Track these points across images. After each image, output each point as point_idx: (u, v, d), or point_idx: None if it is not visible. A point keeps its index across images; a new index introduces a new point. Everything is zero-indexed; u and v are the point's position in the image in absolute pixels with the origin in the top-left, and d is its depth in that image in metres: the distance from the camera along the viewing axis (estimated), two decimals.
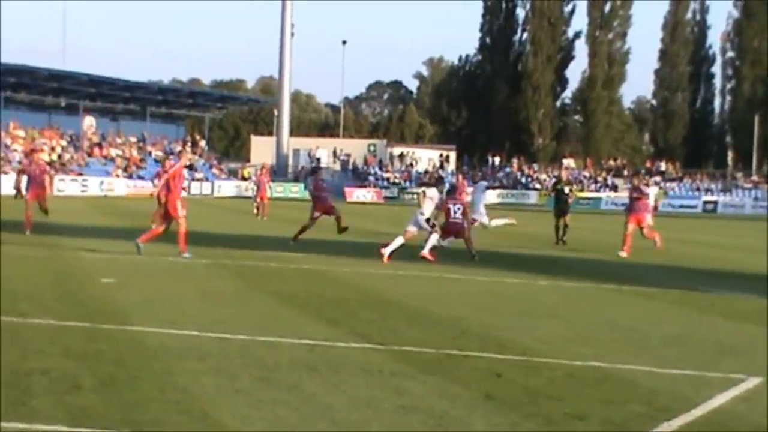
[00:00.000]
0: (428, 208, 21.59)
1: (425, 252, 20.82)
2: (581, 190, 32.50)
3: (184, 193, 26.65)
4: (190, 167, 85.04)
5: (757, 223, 57.54)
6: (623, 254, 23.72)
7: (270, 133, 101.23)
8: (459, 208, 22.08)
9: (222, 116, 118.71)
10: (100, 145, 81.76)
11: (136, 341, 10.35)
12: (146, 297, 13.93)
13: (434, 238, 21.18)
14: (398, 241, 20.81)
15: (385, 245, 20.55)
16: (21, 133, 76.21)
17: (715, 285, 17.71)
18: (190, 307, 13.13)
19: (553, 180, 33.20)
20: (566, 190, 29.46)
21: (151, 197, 26.91)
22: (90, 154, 79.48)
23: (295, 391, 8.26)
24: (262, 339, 10.62)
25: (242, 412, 7.54)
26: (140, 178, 77.78)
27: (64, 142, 79.09)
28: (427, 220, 21.35)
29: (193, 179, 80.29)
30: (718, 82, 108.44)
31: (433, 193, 22.06)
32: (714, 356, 10.56)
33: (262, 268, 18.65)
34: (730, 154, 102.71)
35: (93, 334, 10.63)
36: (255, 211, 41.93)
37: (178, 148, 24.20)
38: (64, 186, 69.22)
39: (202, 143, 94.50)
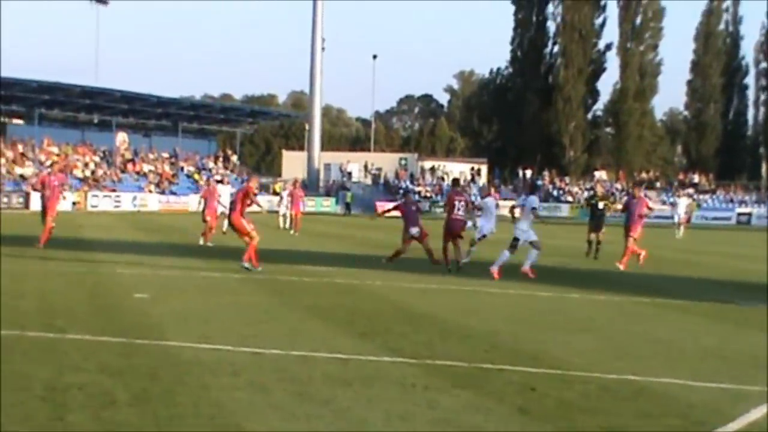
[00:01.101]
0: (526, 222, 21.05)
1: (494, 268, 20.40)
2: (613, 203, 32.39)
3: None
4: (221, 181, 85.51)
5: None
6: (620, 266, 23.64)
7: (301, 148, 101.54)
8: (463, 205, 22.14)
9: (253, 131, 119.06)
10: (132, 161, 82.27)
11: (171, 356, 10.40)
12: (180, 312, 13.99)
13: (506, 256, 20.76)
14: (505, 255, 20.64)
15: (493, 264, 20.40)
16: (54, 149, 76.83)
17: (751, 298, 17.57)
18: (223, 321, 13.18)
19: (589, 193, 32.82)
20: (600, 205, 29.29)
21: (182, 213, 27.03)
22: (123, 170, 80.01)
23: (329, 405, 8.27)
24: (296, 353, 10.64)
25: (276, 427, 7.56)
26: (173, 193, 78.20)
27: (97, 158, 79.67)
28: (515, 239, 20.83)
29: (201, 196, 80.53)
30: (751, 93, 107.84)
31: (533, 201, 21.48)
32: (750, 370, 10.47)
33: (294, 283, 18.69)
34: (764, 166, 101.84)
35: (128, 349, 10.69)
36: (281, 224, 41.91)
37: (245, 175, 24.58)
38: (97, 202, 69.70)
39: (234, 158, 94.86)
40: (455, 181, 25.91)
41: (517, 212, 21.33)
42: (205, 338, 11.51)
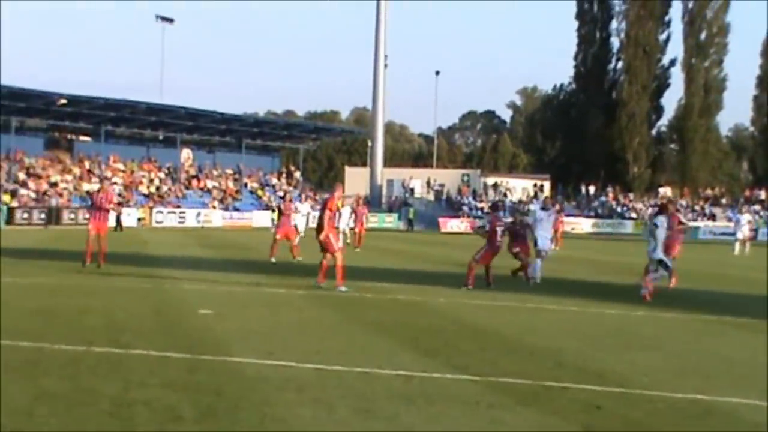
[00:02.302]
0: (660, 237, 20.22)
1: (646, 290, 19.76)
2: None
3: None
4: (283, 197, 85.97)
5: None
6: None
7: (364, 164, 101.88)
8: (502, 230, 21.93)
9: (316, 147, 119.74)
10: (197, 177, 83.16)
11: (235, 372, 10.46)
12: (244, 328, 14.07)
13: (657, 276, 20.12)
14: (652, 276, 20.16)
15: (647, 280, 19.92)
16: (121, 166, 77.90)
17: None
18: (287, 337, 13.24)
19: (654, 210, 31.93)
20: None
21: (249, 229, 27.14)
22: (187, 186, 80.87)
23: (393, 422, 8.28)
24: (359, 370, 10.66)
25: None
26: (236, 209, 78.81)
27: (162, 175, 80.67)
28: (660, 261, 20.08)
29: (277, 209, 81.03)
30: None
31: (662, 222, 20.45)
32: None
33: (357, 299, 18.72)
34: None
35: (193, 365, 10.78)
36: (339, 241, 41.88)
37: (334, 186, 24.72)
38: (162, 218, 70.53)
39: (297, 174, 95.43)
40: (495, 205, 25.50)
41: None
42: (269, 354, 11.56)
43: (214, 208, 77.11)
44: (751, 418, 8.79)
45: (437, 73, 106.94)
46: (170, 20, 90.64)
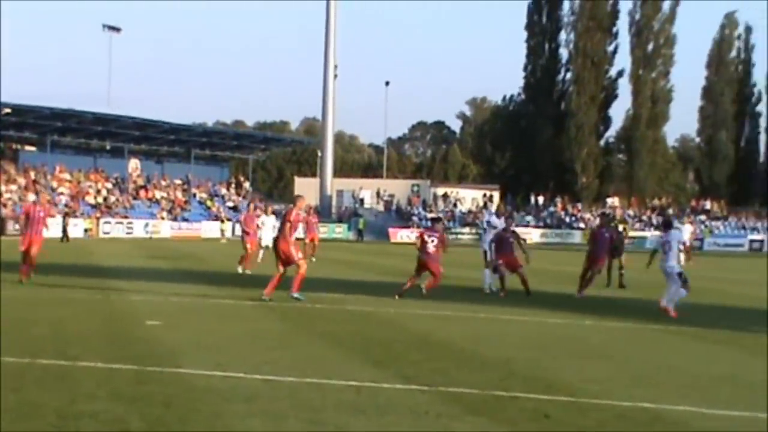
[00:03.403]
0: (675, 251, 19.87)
1: (669, 307, 19.16)
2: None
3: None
4: (235, 208, 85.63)
5: None
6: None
7: (313, 174, 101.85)
8: (434, 240, 21.78)
9: (266, 158, 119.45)
10: (145, 188, 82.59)
11: (184, 383, 10.39)
12: (193, 339, 13.98)
13: (680, 293, 19.49)
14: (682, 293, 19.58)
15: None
16: (67, 176, 77.14)
17: (764, 324, 17.49)
18: (236, 348, 13.17)
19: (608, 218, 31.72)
20: (620, 228, 28.93)
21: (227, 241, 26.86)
22: (135, 197, 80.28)
23: None
24: (309, 381, 10.63)
25: None
26: (185, 220, 78.39)
27: (109, 185, 80.00)
28: (680, 274, 19.57)
29: (237, 221, 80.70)
30: (763, 120, 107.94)
31: (678, 236, 20.32)
32: (763, 397, 10.42)
33: (308, 310, 18.67)
34: None
35: (141, 376, 10.69)
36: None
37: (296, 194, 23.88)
38: (109, 228, 69.96)
39: (246, 185, 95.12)
40: (435, 219, 25.42)
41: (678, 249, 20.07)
42: (219, 365, 11.50)
43: (163, 218, 76.63)
44: (697, 425, 8.88)
45: (387, 83, 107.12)
46: (117, 29, 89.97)
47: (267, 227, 34.41)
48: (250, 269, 29.60)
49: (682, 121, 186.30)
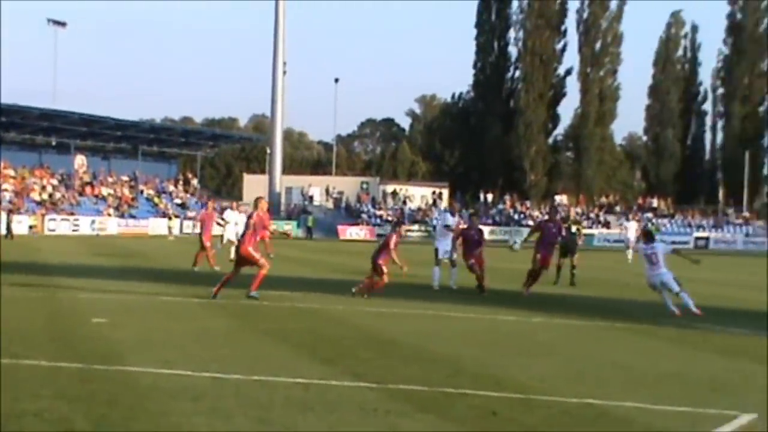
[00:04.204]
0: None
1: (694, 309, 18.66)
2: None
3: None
4: (183, 205, 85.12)
5: (748, 259, 57.68)
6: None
7: (262, 171, 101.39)
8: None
9: (214, 154, 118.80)
10: (91, 184, 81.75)
11: (130, 382, 10.30)
12: (139, 337, 13.87)
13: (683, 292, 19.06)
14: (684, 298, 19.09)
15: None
16: (11, 172, 76.17)
17: (709, 321, 17.69)
18: (183, 346, 13.08)
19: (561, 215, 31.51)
20: (573, 228, 29.07)
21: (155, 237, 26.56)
22: (81, 194, 79.45)
23: (291, 430, 8.23)
24: (257, 378, 10.58)
25: None
26: (132, 217, 77.74)
27: (55, 182, 79.08)
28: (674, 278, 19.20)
29: (185, 218, 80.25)
30: (709, 118, 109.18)
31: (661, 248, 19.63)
32: (708, 393, 10.55)
33: (256, 307, 18.60)
34: (721, 191, 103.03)
35: (86, 375, 10.57)
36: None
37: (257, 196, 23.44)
38: (54, 225, 69.17)
39: (195, 182, 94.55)
40: (397, 222, 25.42)
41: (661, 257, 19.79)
42: (166, 363, 11.41)
43: (110, 215, 75.93)
44: (642, 421, 8.95)
45: (336, 80, 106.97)
46: (63, 24, 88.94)
47: (231, 223, 34.25)
48: (218, 266, 29.07)
49: (630, 119, 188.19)
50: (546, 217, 26.27)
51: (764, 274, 37.72)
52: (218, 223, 32.91)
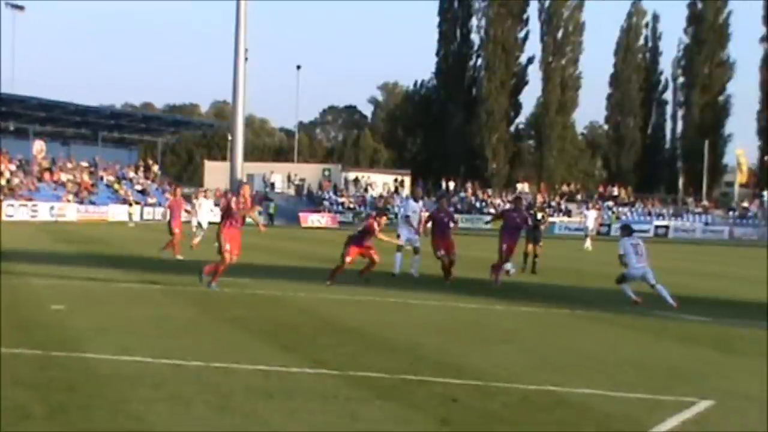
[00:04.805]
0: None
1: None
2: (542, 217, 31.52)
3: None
4: (143, 192, 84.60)
5: (707, 247, 58.22)
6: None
7: (224, 158, 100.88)
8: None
9: (175, 141, 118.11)
10: (50, 170, 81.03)
11: (89, 369, 10.23)
12: (98, 324, 13.77)
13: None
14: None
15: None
16: None
17: (668, 309, 17.83)
18: (143, 333, 13.01)
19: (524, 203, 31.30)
20: (539, 216, 29.07)
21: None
22: (40, 179, 78.73)
23: (251, 417, 8.21)
24: (217, 365, 10.55)
25: None
26: (92, 203, 77.17)
27: (13, 167, 78.27)
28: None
29: (146, 204, 79.78)
30: (669, 107, 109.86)
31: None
32: (667, 380, 10.64)
33: (217, 294, 18.52)
34: (681, 179, 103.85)
35: (44, 361, 10.50)
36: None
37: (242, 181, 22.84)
38: (13, 211, 68.46)
39: (155, 168, 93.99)
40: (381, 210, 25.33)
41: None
42: (125, 350, 11.35)
43: (69, 201, 75.33)
44: (600, 408, 9.01)
45: (298, 67, 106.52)
46: (21, 8, 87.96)
47: (204, 209, 34.11)
48: (181, 255, 28.92)
49: (591, 108, 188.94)
50: (510, 206, 26.12)
51: (722, 263, 38.14)
52: (186, 211, 32.71)
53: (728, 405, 9.33)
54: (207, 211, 36.14)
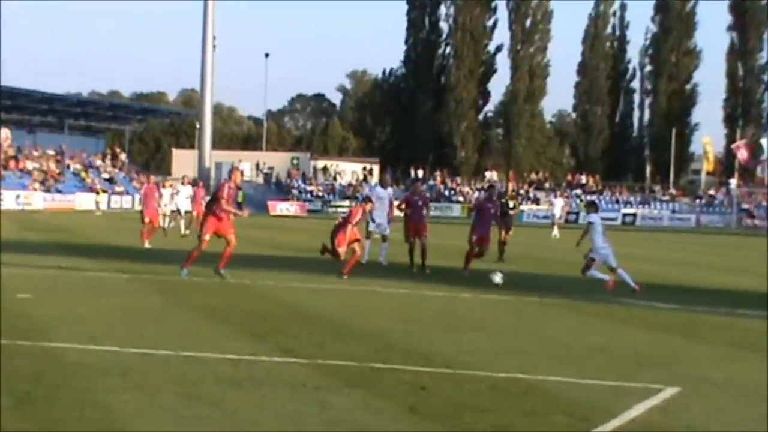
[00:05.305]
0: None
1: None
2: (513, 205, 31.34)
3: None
4: (111, 180, 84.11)
5: (674, 235, 58.62)
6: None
7: (192, 146, 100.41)
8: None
9: (143, 129, 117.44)
10: (16, 158, 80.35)
11: (55, 358, 10.16)
12: (65, 313, 13.68)
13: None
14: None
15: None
16: None
17: (635, 296, 17.94)
18: (111, 322, 12.93)
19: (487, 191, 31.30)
20: (511, 204, 29.10)
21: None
22: (6, 167, 78.06)
23: (219, 406, 8.18)
24: (185, 354, 10.50)
25: (163, 428, 7.45)
26: (59, 191, 76.65)
27: None
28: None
29: (113, 193, 79.32)
30: (637, 96, 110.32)
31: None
32: (633, 367, 10.70)
33: (185, 283, 18.45)
34: (648, 168, 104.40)
35: (9, 351, 10.39)
36: (165, 224, 39.18)
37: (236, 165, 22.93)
38: None
39: (123, 156, 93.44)
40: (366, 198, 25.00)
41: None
42: (92, 339, 11.28)
43: (35, 190, 74.76)
44: (568, 395, 9.05)
45: (267, 55, 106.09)
46: None
47: (182, 196, 33.94)
48: (149, 242, 28.77)
49: (559, 96, 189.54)
50: (484, 194, 26.06)
51: (689, 251, 38.41)
52: (158, 195, 32.58)
53: (694, 391, 9.40)
54: (184, 198, 36.17)
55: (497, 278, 19.12)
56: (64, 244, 29.74)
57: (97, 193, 74.95)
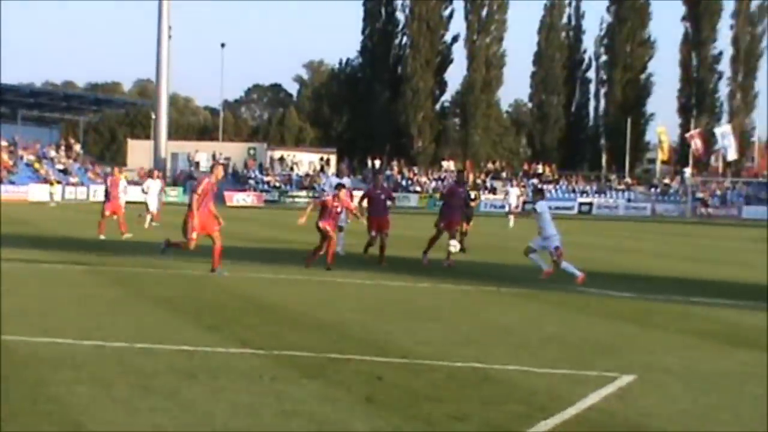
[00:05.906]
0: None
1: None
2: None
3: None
4: (65, 171, 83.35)
5: (630, 223, 59.07)
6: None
7: (147, 137, 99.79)
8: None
9: (97, 120, 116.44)
10: None
11: (7, 351, 10.01)
12: (18, 305, 13.51)
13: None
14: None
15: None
16: None
17: (591, 285, 18.04)
18: (64, 314, 12.81)
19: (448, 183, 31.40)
20: (472, 195, 29.14)
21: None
22: None
23: (174, 398, 8.12)
24: (140, 346, 10.43)
25: (118, 421, 7.38)
26: (12, 183, 75.87)
27: None
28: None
29: (67, 184, 78.61)
30: (592, 86, 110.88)
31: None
32: (590, 355, 10.76)
33: (140, 274, 18.33)
34: (604, 157, 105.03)
35: None
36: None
37: (218, 160, 22.49)
38: None
39: (77, 147, 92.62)
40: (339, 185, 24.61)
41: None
42: (45, 332, 11.16)
43: None
44: (525, 384, 9.08)
45: (223, 45, 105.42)
46: None
47: (153, 192, 33.69)
48: (103, 236, 28.48)
49: (516, 86, 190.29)
50: (454, 179, 26.00)
51: (644, 239, 38.72)
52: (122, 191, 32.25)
53: (649, 379, 9.47)
54: (155, 194, 36.01)
55: (453, 243, 19.46)
56: (18, 236, 29.40)
57: (51, 184, 74.22)
